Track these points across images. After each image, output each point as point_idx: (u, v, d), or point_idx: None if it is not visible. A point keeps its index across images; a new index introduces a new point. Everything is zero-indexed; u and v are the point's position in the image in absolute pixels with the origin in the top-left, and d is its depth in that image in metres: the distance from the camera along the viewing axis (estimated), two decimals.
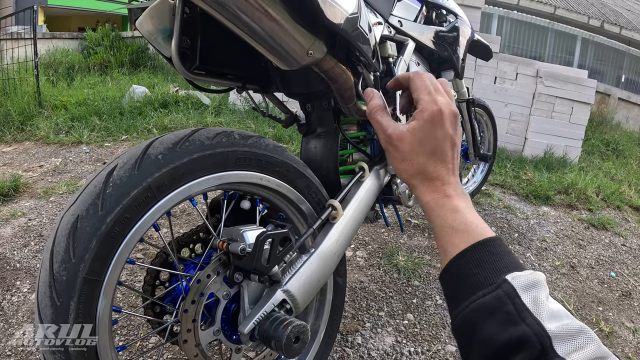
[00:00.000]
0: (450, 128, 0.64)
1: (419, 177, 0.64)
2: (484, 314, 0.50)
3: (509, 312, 0.48)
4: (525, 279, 0.50)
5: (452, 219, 0.59)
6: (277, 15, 0.76)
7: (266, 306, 0.87)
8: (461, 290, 0.54)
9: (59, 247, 0.69)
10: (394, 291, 1.87)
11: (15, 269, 1.88)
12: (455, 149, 0.65)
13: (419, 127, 0.63)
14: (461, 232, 0.57)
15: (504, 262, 0.53)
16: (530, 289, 0.49)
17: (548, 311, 0.47)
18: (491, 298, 0.50)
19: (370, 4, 1.35)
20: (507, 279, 0.50)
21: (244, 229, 0.86)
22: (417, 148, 0.63)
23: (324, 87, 1.09)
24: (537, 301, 0.48)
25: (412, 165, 0.64)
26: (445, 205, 0.61)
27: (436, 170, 0.63)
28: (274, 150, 0.94)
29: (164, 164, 0.75)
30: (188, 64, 0.95)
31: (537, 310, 0.47)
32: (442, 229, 0.60)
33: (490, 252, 0.54)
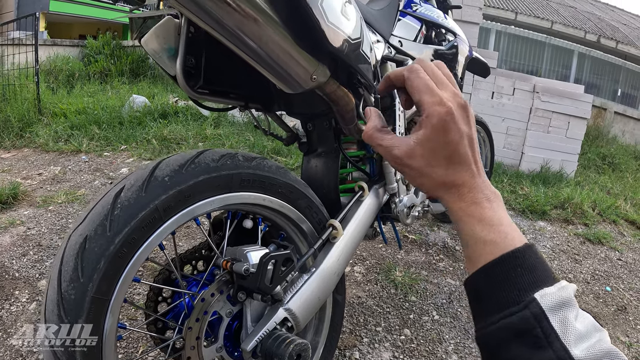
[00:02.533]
0: (464, 125, 0.55)
1: (442, 188, 0.57)
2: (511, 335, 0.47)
3: (537, 336, 0.45)
4: (555, 298, 0.47)
5: (480, 230, 0.54)
6: (282, 40, 0.78)
7: (268, 324, 0.89)
8: (487, 303, 0.51)
9: (67, 267, 0.70)
10: (391, 306, 1.89)
11: (14, 278, 1.89)
12: (474, 145, 0.57)
13: (428, 137, 0.55)
14: (489, 244, 0.52)
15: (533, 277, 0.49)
16: (559, 309, 0.47)
17: (576, 334, 0.45)
18: (518, 319, 0.47)
19: (371, 24, 1.38)
20: (536, 298, 0.47)
21: (248, 249, 0.88)
22: (432, 160, 0.55)
23: (325, 108, 1.11)
24: (565, 323, 0.46)
25: (431, 179, 0.57)
26: (473, 215, 0.55)
27: (459, 177, 0.55)
28: (277, 172, 0.96)
29: (170, 186, 0.77)
30: (192, 83, 0.97)
31: (565, 334, 0.45)
32: (469, 238, 0.55)
33: (519, 265, 0.50)
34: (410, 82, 0.55)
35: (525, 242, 0.51)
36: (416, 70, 0.55)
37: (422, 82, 0.54)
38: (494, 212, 0.54)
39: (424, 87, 0.54)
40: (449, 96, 0.54)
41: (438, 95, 0.53)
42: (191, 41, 0.91)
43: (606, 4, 19.50)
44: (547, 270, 0.50)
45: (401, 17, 1.61)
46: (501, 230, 0.52)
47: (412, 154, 0.55)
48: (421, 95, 0.54)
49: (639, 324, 2.09)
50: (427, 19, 1.69)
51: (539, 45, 11.62)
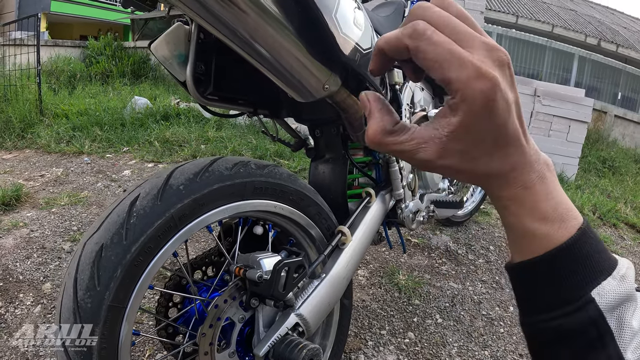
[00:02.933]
0: (510, 92, 0.38)
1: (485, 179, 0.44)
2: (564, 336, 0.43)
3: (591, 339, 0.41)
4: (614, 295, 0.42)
5: (530, 222, 0.43)
6: (295, 50, 0.79)
7: (280, 329, 0.90)
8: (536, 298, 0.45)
9: (83, 275, 0.71)
10: (395, 310, 1.90)
11: (18, 281, 1.89)
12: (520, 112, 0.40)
13: (467, 126, 0.38)
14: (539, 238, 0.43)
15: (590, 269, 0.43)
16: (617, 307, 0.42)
17: (631, 333, 0.40)
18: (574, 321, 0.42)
19: (378, 31, 1.39)
20: (594, 298, 0.41)
21: (260, 256, 0.89)
22: (474, 152, 0.40)
23: (333, 115, 1.11)
24: (622, 322, 0.41)
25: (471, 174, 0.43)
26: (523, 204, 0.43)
27: (508, 161, 0.41)
28: (288, 179, 0.97)
29: (185, 194, 0.78)
30: (202, 89, 0.97)
31: (620, 335, 0.41)
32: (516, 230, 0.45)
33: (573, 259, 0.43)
34: (422, 54, 0.36)
35: (579, 226, 0.42)
36: (424, 33, 0.36)
37: (441, 49, 0.35)
38: (549, 196, 0.43)
39: (447, 56, 0.35)
40: (483, 57, 0.37)
41: (471, 64, 0.35)
42: (201, 48, 0.92)
43: (607, 7, 19.55)
44: (604, 255, 0.43)
45: None
46: (556, 217, 0.42)
47: (446, 153, 0.40)
48: (445, 72, 0.36)
49: None
50: None
51: (539, 48, 11.64)
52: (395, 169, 1.32)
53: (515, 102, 0.39)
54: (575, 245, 0.42)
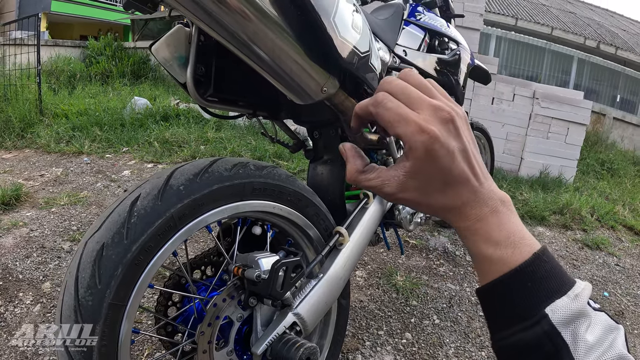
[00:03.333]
0: (454, 141, 0.48)
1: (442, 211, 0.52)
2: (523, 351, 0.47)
3: (548, 352, 0.45)
4: (566, 311, 0.46)
5: (486, 248, 0.50)
6: (294, 53, 0.80)
7: (278, 328, 0.91)
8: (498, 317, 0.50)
9: (84, 273, 0.72)
10: (392, 310, 1.91)
11: (18, 280, 1.90)
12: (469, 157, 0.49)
13: (417, 169, 0.48)
14: (495, 262, 0.49)
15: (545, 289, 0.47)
16: (571, 323, 0.46)
17: (586, 347, 0.44)
18: (531, 336, 0.46)
19: (377, 34, 1.40)
20: (548, 314, 0.46)
21: (259, 256, 0.90)
22: (426, 189, 0.50)
23: (332, 117, 1.12)
24: (576, 336, 0.45)
25: (429, 206, 0.52)
26: (478, 233, 0.50)
27: (459, 197, 0.50)
28: (287, 180, 0.98)
29: (185, 195, 0.79)
30: (202, 91, 0.98)
31: (575, 348, 0.44)
32: (476, 256, 0.51)
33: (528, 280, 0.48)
34: (380, 117, 0.48)
35: (534, 252, 0.48)
36: (381, 102, 0.47)
37: (391, 113, 0.47)
38: (501, 225, 0.50)
39: (396, 117, 0.46)
40: (427, 116, 0.47)
41: (414, 122, 0.46)
42: (201, 50, 0.93)
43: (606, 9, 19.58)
44: (559, 277, 0.48)
45: (405, 26, 1.63)
46: (509, 244, 0.48)
47: (404, 188, 0.50)
48: (395, 128, 0.47)
49: (636, 328, 2.11)
50: (431, 28, 1.71)
51: (539, 50, 11.66)
52: None
53: (461, 150, 0.48)
54: (529, 268, 0.47)
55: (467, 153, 0.49)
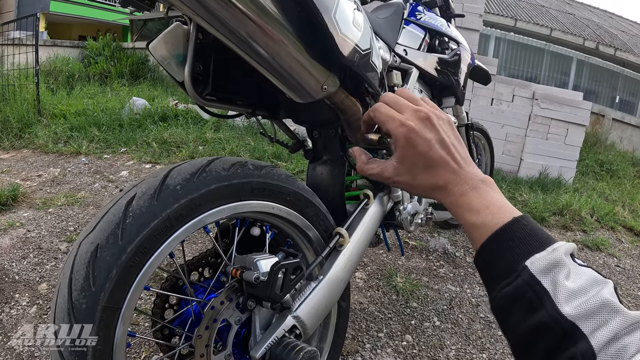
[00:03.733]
0: (429, 133, 0.62)
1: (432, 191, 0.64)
2: (509, 304, 0.52)
3: (530, 299, 0.49)
4: (544, 261, 0.51)
5: (469, 217, 0.59)
6: (294, 50, 0.78)
7: (277, 332, 0.89)
8: (489, 279, 0.56)
9: (77, 275, 0.70)
10: (392, 312, 1.89)
11: (14, 281, 1.88)
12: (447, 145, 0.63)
13: (402, 155, 0.63)
14: (479, 227, 0.58)
15: (524, 246, 0.53)
16: (549, 271, 0.50)
17: (567, 292, 0.48)
18: (513, 288, 0.51)
19: (377, 33, 1.39)
20: (527, 265, 0.51)
21: (257, 257, 0.89)
22: (413, 171, 0.64)
23: (332, 116, 1.11)
24: (556, 283, 0.49)
25: (420, 187, 0.65)
26: (462, 205, 0.61)
27: (441, 178, 0.62)
28: (286, 180, 0.97)
29: (182, 195, 0.77)
30: (200, 89, 0.97)
31: (555, 293, 0.48)
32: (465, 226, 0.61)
33: (509, 239, 0.55)
34: (376, 118, 0.65)
35: (513, 217, 0.55)
36: (378, 107, 0.65)
37: (383, 114, 0.64)
38: (481, 198, 0.59)
39: (386, 117, 0.63)
40: (409, 116, 0.63)
41: (398, 120, 0.62)
42: (199, 48, 0.91)
43: (605, 11, 19.61)
44: (539, 237, 0.54)
45: (405, 26, 1.62)
46: (488, 212, 0.57)
47: (398, 172, 0.64)
48: (385, 125, 0.64)
49: None
50: (431, 28, 1.70)
51: (538, 51, 11.68)
52: None
53: (438, 140, 0.62)
54: (508, 229, 0.55)
55: (445, 142, 0.62)
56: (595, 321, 0.45)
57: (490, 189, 0.60)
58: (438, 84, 1.76)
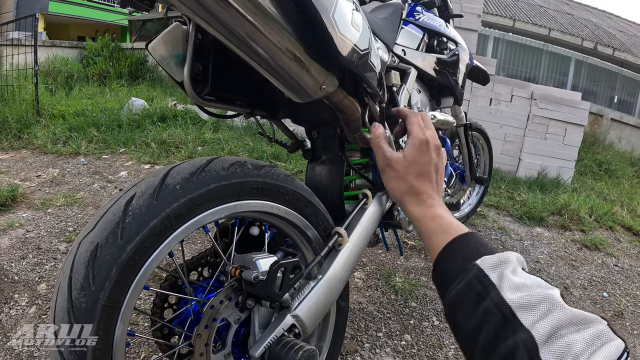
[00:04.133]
0: (434, 155, 0.81)
1: (408, 193, 0.79)
2: (460, 300, 0.57)
3: (479, 291, 0.55)
4: (493, 259, 0.58)
5: (433, 225, 0.71)
6: (293, 50, 0.78)
7: (276, 330, 0.89)
8: (444, 284, 0.63)
9: (77, 274, 0.70)
10: (391, 312, 1.89)
11: (14, 281, 1.88)
12: (438, 172, 0.81)
13: (410, 153, 0.81)
14: (440, 234, 0.68)
15: (476, 251, 0.61)
16: (497, 267, 0.56)
17: (512, 284, 0.53)
18: (464, 284, 0.57)
19: (376, 33, 1.39)
20: (477, 263, 0.58)
21: (257, 257, 0.89)
22: (409, 169, 0.80)
23: (330, 116, 1.11)
24: (502, 276, 0.55)
25: (404, 183, 0.80)
26: (427, 215, 0.74)
27: (423, 186, 0.78)
28: (285, 180, 0.97)
29: (182, 194, 0.78)
30: (199, 89, 0.97)
31: (501, 284, 0.54)
32: (426, 235, 0.72)
33: (464, 245, 0.64)
34: (409, 118, 0.89)
35: (468, 231, 0.68)
36: (415, 113, 0.90)
37: (416, 119, 0.87)
38: (445, 214, 0.73)
39: (416, 122, 0.86)
40: (430, 134, 0.84)
41: (422, 130, 0.84)
42: (199, 48, 0.91)
43: (603, 11, 19.65)
44: (490, 247, 0.63)
45: (404, 26, 1.62)
46: (449, 223, 0.70)
47: (398, 160, 0.82)
48: (412, 126, 0.86)
49: (635, 329, 2.10)
50: (430, 28, 1.70)
51: (536, 52, 11.70)
52: None
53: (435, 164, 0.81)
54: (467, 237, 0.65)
55: (438, 169, 0.82)
56: (535, 313, 0.49)
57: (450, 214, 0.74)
58: (437, 84, 1.77)
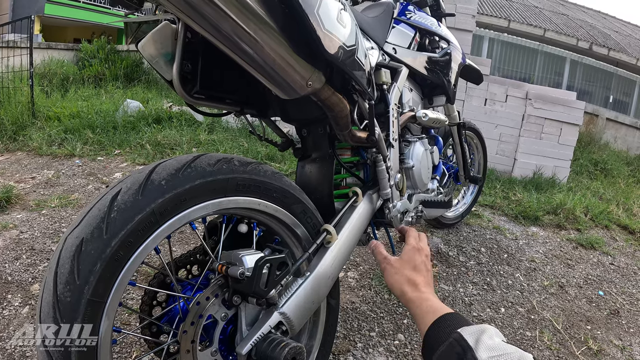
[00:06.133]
0: (425, 259, 1.06)
1: (407, 283, 0.98)
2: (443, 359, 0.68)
3: (458, 352, 0.65)
4: (472, 328, 0.69)
5: (425, 306, 0.88)
6: (278, 46, 0.79)
7: (263, 328, 0.89)
8: (431, 351, 0.74)
9: (62, 269, 0.70)
10: (384, 312, 1.89)
11: (7, 282, 1.88)
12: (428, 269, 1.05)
13: (406, 254, 1.06)
14: (430, 314, 0.83)
15: (459, 323, 0.75)
16: (475, 333, 0.67)
17: (486, 346, 0.63)
18: (446, 346, 0.68)
19: (366, 32, 1.40)
20: (458, 330, 0.69)
21: (243, 253, 0.89)
22: (405, 265, 1.02)
23: (320, 114, 1.12)
24: (479, 341, 0.65)
25: (402, 276, 1.00)
26: (422, 299, 0.92)
27: (418, 277, 0.99)
28: (272, 177, 0.97)
29: (167, 189, 0.78)
30: (188, 88, 0.97)
31: (477, 346, 0.64)
32: (419, 315, 0.87)
33: (449, 319, 0.79)
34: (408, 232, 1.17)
35: (454, 311, 0.83)
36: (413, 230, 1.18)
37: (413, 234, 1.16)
38: (434, 298, 0.92)
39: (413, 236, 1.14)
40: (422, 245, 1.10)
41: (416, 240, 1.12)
42: (188, 47, 0.92)
43: (598, 11, 19.71)
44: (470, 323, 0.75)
45: (395, 25, 1.63)
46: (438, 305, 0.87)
47: (396, 260, 1.05)
48: (409, 238, 1.13)
49: (631, 327, 2.11)
50: (421, 27, 1.71)
51: (531, 52, 11.73)
52: (382, 168, 1.32)
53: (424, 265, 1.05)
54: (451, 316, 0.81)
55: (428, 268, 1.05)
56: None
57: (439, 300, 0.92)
58: (429, 82, 1.77)
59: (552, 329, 1.95)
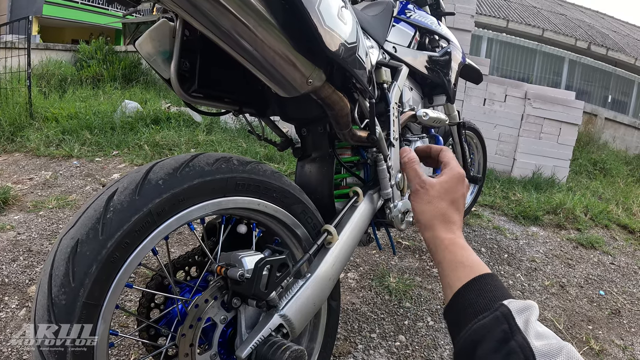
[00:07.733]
0: (466, 190, 0.85)
1: (439, 218, 0.80)
2: (484, 333, 0.57)
3: (505, 330, 0.56)
4: (520, 304, 0.59)
5: (460, 255, 0.72)
6: (278, 43, 0.77)
7: (263, 331, 0.87)
8: (464, 318, 0.63)
9: (57, 271, 0.69)
10: (385, 313, 1.88)
11: (4, 283, 1.86)
12: (464, 206, 0.84)
13: (447, 180, 0.84)
14: (467, 267, 0.69)
15: (501, 292, 0.63)
16: (524, 311, 0.58)
17: (535, 331, 0.55)
18: (490, 319, 0.58)
19: (366, 30, 1.38)
20: (504, 303, 0.59)
21: (242, 254, 0.87)
22: (443, 195, 0.82)
23: (320, 113, 1.10)
24: (528, 322, 0.56)
25: (435, 208, 0.81)
26: (457, 244, 0.74)
27: (454, 215, 0.80)
28: (272, 176, 0.95)
29: (164, 189, 0.76)
30: (186, 86, 0.96)
31: (527, 330, 0.55)
32: (451, 263, 0.72)
33: (489, 284, 0.65)
34: (446, 153, 0.93)
35: (490, 272, 0.68)
36: (449, 150, 0.94)
37: (452, 155, 0.92)
38: (470, 248, 0.75)
39: (453, 158, 0.90)
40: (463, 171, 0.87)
41: (458, 164, 0.88)
42: (186, 44, 0.90)
43: (596, 11, 19.75)
44: (510, 292, 0.65)
45: (395, 23, 1.61)
46: (474, 259, 0.71)
47: (433, 185, 0.83)
48: (450, 160, 0.89)
49: (633, 327, 2.10)
50: (421, 26, 1.69)
51: (530, 52, 11.74)
52: (382, 168, 1.30)
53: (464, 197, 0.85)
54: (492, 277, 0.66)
55: (465, 203, 0.85)
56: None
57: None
58: (429, 81, 1.76)
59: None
